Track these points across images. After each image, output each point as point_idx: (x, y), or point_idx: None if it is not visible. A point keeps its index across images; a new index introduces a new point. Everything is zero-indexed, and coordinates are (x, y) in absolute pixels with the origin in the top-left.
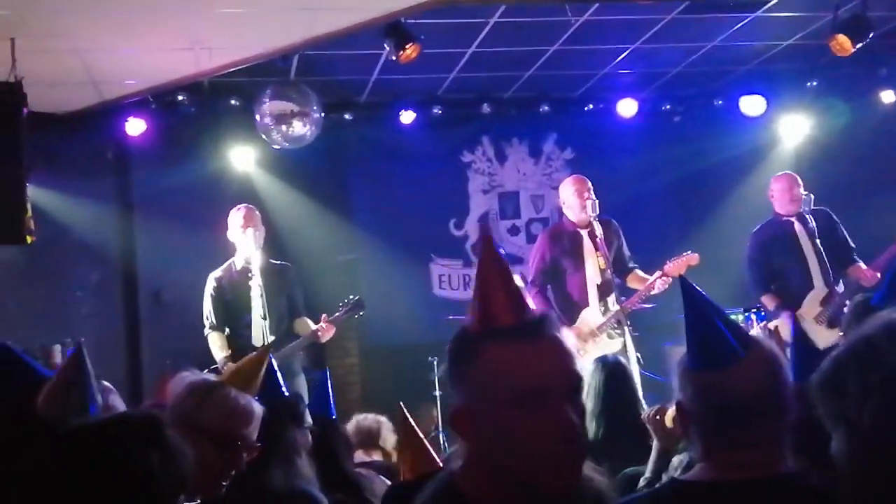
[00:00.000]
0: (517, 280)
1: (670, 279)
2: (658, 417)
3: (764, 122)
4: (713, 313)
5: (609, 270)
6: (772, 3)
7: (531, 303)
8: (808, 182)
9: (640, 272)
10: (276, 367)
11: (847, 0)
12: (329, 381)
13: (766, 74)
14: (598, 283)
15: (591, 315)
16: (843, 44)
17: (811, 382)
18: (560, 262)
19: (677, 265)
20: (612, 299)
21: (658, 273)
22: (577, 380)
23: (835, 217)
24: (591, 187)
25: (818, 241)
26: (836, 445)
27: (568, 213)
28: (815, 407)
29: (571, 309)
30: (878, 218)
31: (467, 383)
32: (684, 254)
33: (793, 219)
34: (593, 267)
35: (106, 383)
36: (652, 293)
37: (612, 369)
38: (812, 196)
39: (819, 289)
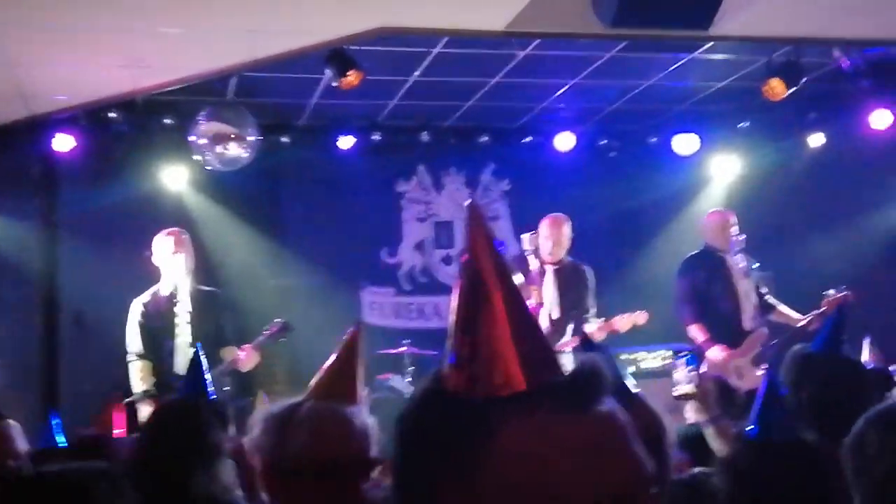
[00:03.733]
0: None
1: (604, 333)
2: None
3: (696, 161)
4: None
5: (559, 310)
6: (708, 45)
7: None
8: (739, 221)
9: (587, 326)
10: (205, 365)
11: (781, 45)
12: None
13: (700, 114)
14: (553, 318)
15: None
16: (776, 88)
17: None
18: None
19: (624, 322)
20: (561, 337)
21: (604, 324)
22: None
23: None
24: (562, 228)
25: (748, 280)
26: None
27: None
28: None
29: None
30: (805, 258)
31: (465, 486)
32: (635, 312)
33: (725, 254)
34: (549, 303)
35: (11, 422)
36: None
37: None
38: (743, 235)
39: (751, 328)
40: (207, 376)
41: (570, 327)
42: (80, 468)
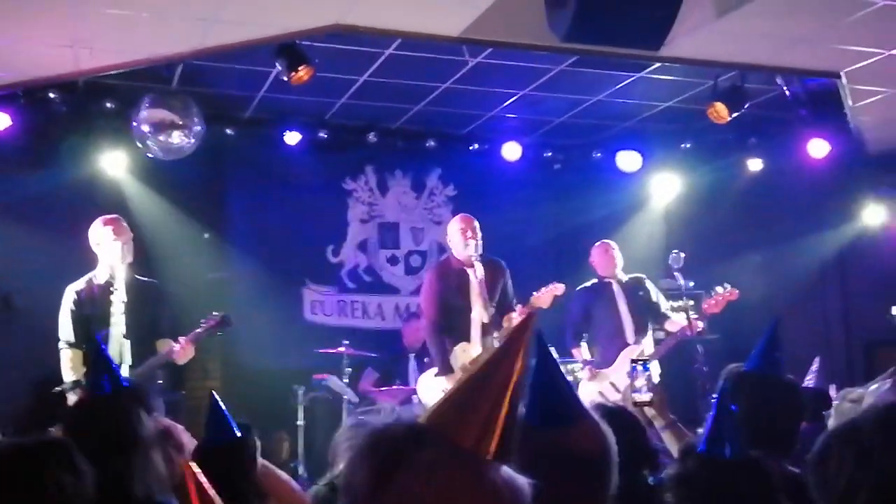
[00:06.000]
0: None
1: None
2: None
3: (638, 178)
4: (560, 372)
5: (492, 310)
6: (656, 65)
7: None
8: (677, 239)
9: (513, 314)
10: (107, 355)
11: (726, 70)
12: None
13: (644, 132)
14: (485, 321)
15: (472, 349)
16: (721, 111)
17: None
18: (449, 300)
19: (544, 296)
20: (492, 338)
21: (519, 308)
22: None
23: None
24: (477, 227)
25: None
26: None
27: (453, 251)
28: None
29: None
30: (739, 277)
31: None
32: (550, 284)
33: (610, 280)
34: (479, 306)
35: None
36: None
37: None
38: (682, 254)
39: (633, 342)
40: (124, 368)
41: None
42: (33, 440)
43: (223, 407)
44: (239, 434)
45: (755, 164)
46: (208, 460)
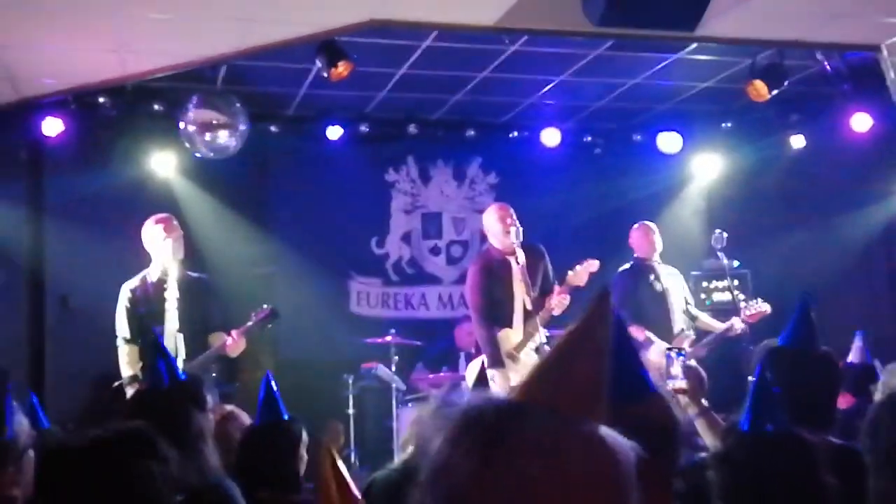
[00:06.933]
0: None
1: (567, 296)
2: None
3: (679, 160)
4: (635, 348)
5: (534, 295)
6: (693, 46)
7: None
8: (720, 219)
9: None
10: (165, 349)
11: (765, 48)
12: (272, 383)
13: (683, 114)
14: (527, 307)
15: (514, 335)
16: (760, 89)
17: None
18: (494, 292)
19: (580, 274)
20: (534, 323)
21: (557, 288)
22: None
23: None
24: (514, 214)
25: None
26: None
27: (492, 241)
28: None
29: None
30: (783, 257)
31: None
32: (584, 261)
33: (653, 263)
34: (521, 293)
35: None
36: (553, 313)
37: None
38: (725, 234)
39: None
40: (171, 360)
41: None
42: (116, 430)
43: (275, 389)
44: (287, 417)
45: (797, 141)
46: (260, 438)
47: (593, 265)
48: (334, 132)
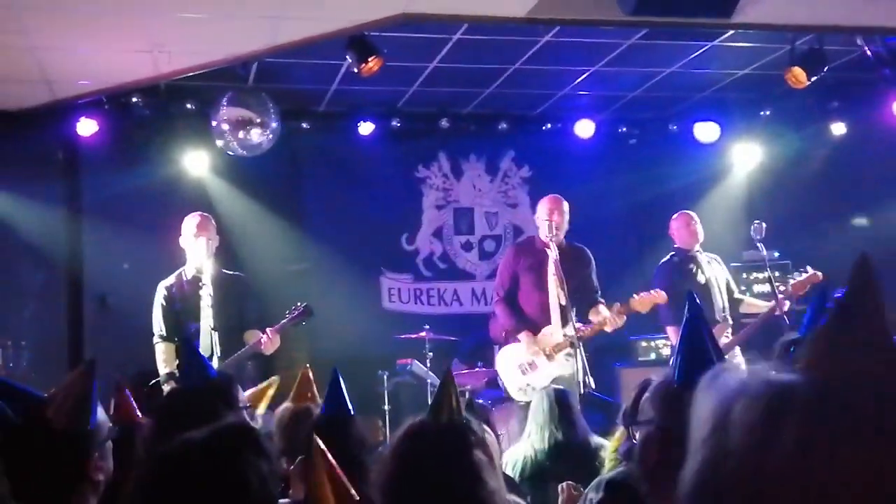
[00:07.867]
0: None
1: (625, 317)
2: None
3: (717, 149)
4: (708, 335)
5: (566, 295)
6: (729, 33)
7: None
8: (759, 209)
9: (601, 307)
10: (197, 350)
11: (803, 34)
12: (338, 377)
13: (721, 102)
14: (562, 303)
15: (554, 334)
16: (799, 76)
17: None
18: (520, 276)
19: (644, 301)
20: (570, 324)
21: (617, 306)
22: None
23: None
24: (563, 209)
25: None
26: None
27: (539, 231)
28: None
29: (526, 323)
30: (824, 246)
31: None
32: (652, 291)
33: (694, 252)
34: (555, 286)
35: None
36: (605, 329)
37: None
38: (764, 224)
39: (721, 318)
40: (204, 359)
41: (573, 312)
42: (218, 428)
43: (341, 382)
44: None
45: (838, 129)
46: (329, 429)
47: (661, 297)
48: (366, 128)
